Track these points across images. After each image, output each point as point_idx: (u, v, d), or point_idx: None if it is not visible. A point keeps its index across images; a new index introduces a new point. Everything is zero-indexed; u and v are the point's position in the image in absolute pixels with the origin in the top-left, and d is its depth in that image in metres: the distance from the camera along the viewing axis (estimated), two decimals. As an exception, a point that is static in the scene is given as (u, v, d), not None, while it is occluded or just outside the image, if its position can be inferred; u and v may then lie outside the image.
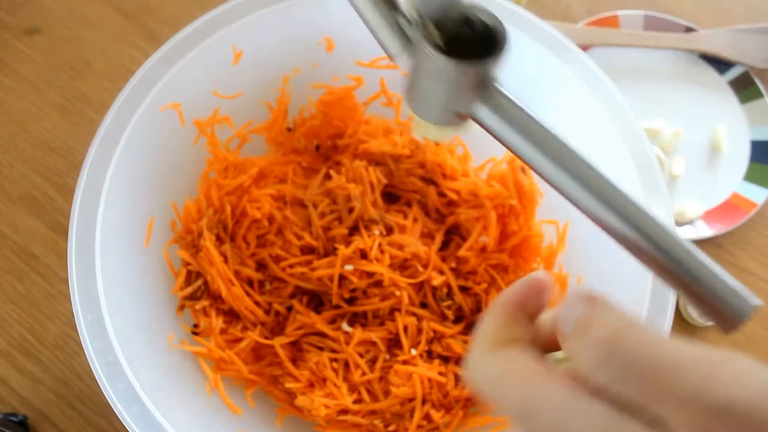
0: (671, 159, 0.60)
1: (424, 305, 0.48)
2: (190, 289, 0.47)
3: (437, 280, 0.47)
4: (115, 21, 0.64)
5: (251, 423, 0.44)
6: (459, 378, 0.46)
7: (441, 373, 0.45)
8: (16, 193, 0.57)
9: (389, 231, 0.48)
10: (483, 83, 0.24)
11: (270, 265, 0.48)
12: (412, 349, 0.46)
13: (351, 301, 0.48)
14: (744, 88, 0.63)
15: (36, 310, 0.53)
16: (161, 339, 0.43)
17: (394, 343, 0.47)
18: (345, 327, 0.47)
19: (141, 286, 0.44)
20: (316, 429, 0.46)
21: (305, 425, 0.46)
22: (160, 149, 0.46)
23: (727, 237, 0.58)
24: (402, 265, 0.47)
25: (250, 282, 0.48)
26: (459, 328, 0.47)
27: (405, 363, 0.46)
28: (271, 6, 0.46)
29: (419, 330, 0.47)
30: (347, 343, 0.46)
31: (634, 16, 0.65)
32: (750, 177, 0.59)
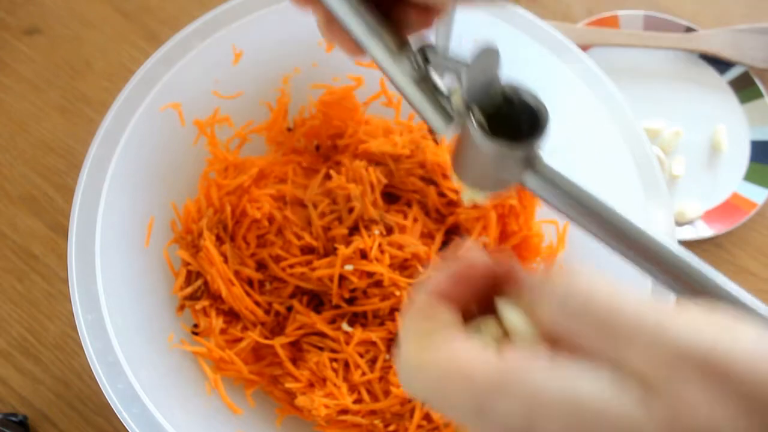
0: (671, 159, 0.60)
1: (424, 305, 0.48)
2: (190, 289, 0.47)
3: (437, 280, 0.47)
4: (115, 21, 0.64)
5: (251, 423, 0.44)
6: None
7: (441, 373, 0.45)
8: (16, 193, 0.57)
9: (389, 231, 0.48)
10: (529, 159, 0.25)
11: (270, 265, 0.48)
12: (412, 349, 0.46)
13: (351, 301, 0.48)
14: (744, 88, 0.63)
15: (36, 310, 0.53)
16: (161, 339, 0.43)
17: (394, 343, 0.47)
18: (345, 327, 0.47)
19: (141, 286, 0.44)
20: (316, 429, 0.46)
21: (305, 425, 0.46)
22: (160, 149, 0.46)
23: (727, 237, 0.58)
24: (402, 265, 0.47)
25: (250, 282, 0.48)
26: (459, 328, 0.47)
27: (405, 363, 0.46)
28: (271, 6, 0.46)
29: (419, 330, 0.46)
30: (347, 343, 0.46)
31: (634, 16, 0.65)
32: (750, 177, 0.59)
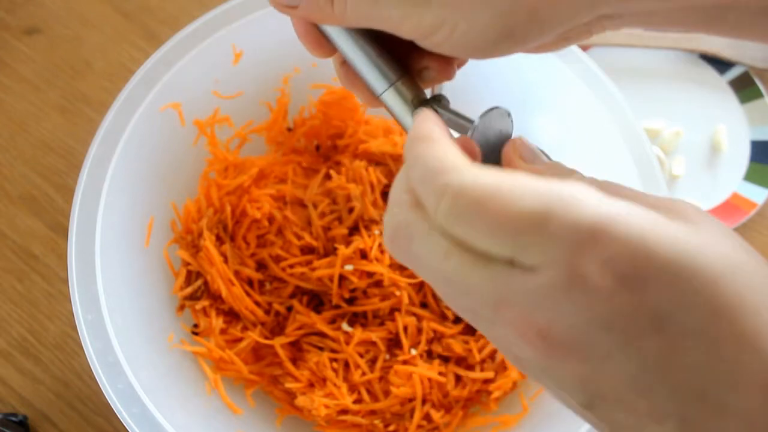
0: (671, 159, 0.60)
1: (424, 305, 0.48)
2: (190, 289, 0.47)
3: (437, 280, 0.47)
4: (115, 21, 0.64)
5: (251, 423, 0.44)
6: (459, 378, 0.46)
7: (441, 373, 0.45)
8: (16, 193, 0.57)
9: (389, 231, 0.48)
10: None
11: (270, 265, 0.48)
12: (412, 349, 0.46)
13: (351, 301, 0.48)
14: (744, 88, 0.63)
15: (36, 310, 0.53)
16: (161, 339, 0.43)
17: (394, 343, 0.47)
18: (345, 327, 0.47)
19: (141, 286, 0.44)
20: (316, 429, 0.46)
21: (305, 425, 0.46)
22: (160, 149, 0.46)
23: (727, 237, 0.57)
24: (402, 265, 0.47)
25: (250, 282, 0.48)
26: (459, 328, 0.47)
27: (405, 363, 0.46)
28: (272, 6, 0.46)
29: (419, 330, 0.47)
30: (347, 343, 0.46)
31: (634, 16, 0.65)
32: (750, 177, 0.59)
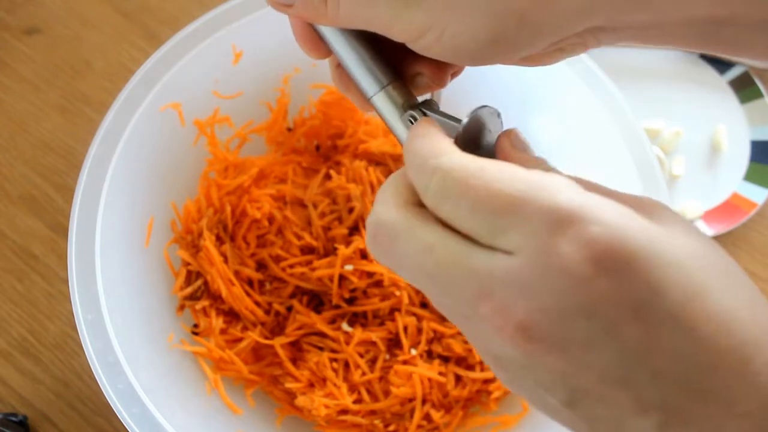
0: (671, 159, 0.60)
1: (424, 305, 0.48)
2: (190, 289, 0.47)
3: (437, 280, 0.47)
4: (115, 21, 0.64)
5: (251, 423, 0.44)
6: (459, 378, 0.46)
7: (441, 373, 0.45)
8: (16, 193, 0.57)
9: (389, 231, 0.48)
10: None
11: (270, 265, 0.48)
12: (412, 349, 0.46)
13: (351, 301, 0.48)
14: (744, 88, 0.63)
15: (36, 310, 0.53)
16: (161, 339, 0.43)
17: (394, 343, 0.47)
18: (345, 327, 0.47)
19: (141, 286, 0.44)
20: (316, 429, 0.46)
21: (305, 425, 0.46)
22: (160, 149, 0.46)
23: (727, 237, 0.57)
24: (402, 265, 0.47)
25: (250, 282, 0.48)
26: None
27: (405, 363, 0.46)
28: (271, 6, 0.46)
29: (419, 330, 0.47)
30: (347, 343, 0.46)
31: (634, 16, 0.65)
32: (750, 177, 0.59)
